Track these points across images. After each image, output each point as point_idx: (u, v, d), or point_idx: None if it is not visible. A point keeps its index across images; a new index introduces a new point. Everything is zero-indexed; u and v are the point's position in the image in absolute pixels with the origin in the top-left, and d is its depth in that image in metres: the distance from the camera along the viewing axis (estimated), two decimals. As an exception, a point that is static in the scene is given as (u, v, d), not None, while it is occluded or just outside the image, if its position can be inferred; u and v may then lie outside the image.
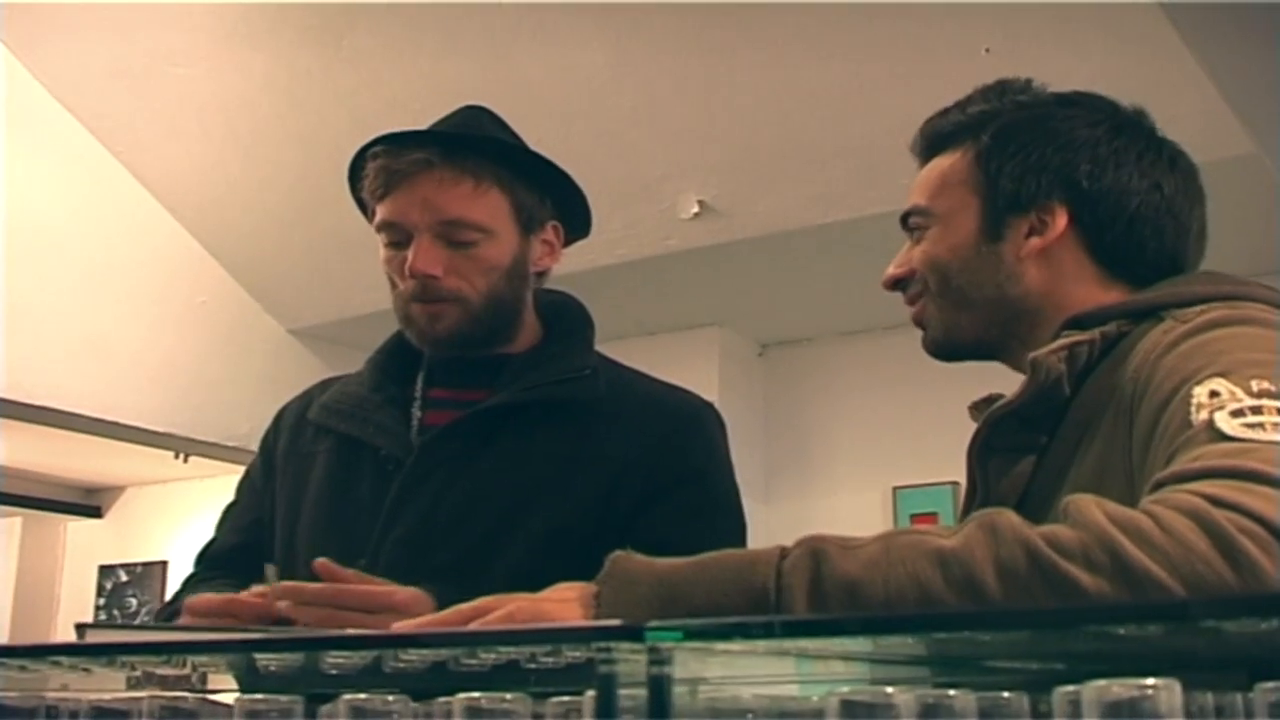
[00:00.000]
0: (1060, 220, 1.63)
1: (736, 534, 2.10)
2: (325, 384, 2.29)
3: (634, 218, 5.10)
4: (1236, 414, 1.28)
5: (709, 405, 2.20)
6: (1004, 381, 1.72)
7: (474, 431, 2.05)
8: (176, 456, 5.86)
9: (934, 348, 1.77)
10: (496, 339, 2.12)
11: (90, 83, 5.23)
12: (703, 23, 4.42)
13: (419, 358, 2.18)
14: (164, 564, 7.86)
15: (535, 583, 1.93)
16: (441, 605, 1.87)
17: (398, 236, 2.05)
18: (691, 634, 0.92)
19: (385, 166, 2.04)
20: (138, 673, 1.41)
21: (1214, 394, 1.31)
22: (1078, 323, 1.56)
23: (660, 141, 4.82)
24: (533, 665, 0.98)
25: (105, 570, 8.20)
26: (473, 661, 1.02)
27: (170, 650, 1.20)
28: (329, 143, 5.10)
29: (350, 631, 1.67)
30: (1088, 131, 1.65)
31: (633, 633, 0.90)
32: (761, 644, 0.96)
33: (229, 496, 2.42)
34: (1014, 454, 1.57)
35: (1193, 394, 1.32)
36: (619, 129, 4.83)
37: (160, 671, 1.39)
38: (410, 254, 2.02)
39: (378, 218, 2.07)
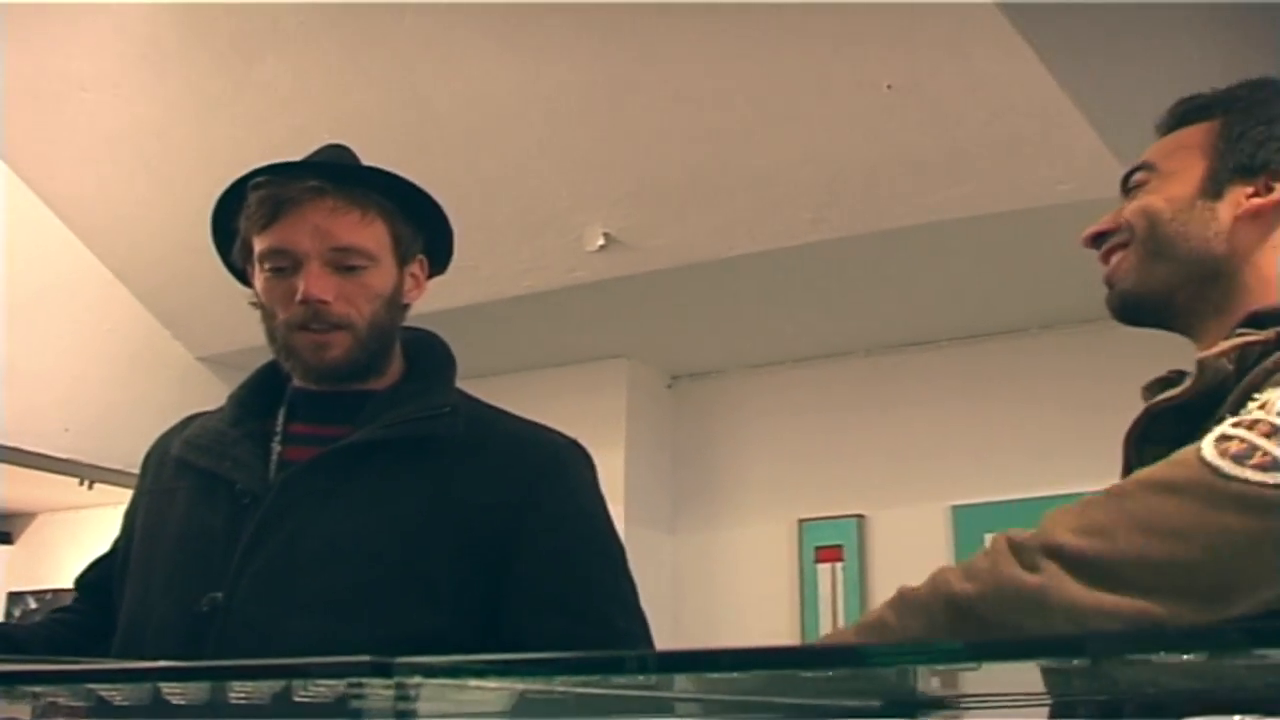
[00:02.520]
0: None
1: (612, 573, 2.13)
2: (189, 420, 2.30)
3: (540, 249, 5.13)
4: (1238, 453, 1.32)
5: (572, 444, 2.20)
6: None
7: (333, 468, 2.05)
8: (81, 483, 5.81)
9: (1120, 301, 1.75)
10: (371, 371, 2.14)
11: (-2, 105, 5.22)
12: (608, 56, 4.46)
13: (281, 393, 2.20)
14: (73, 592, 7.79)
15: (394, 620, 1.94)
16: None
17: (284, 263, 2.06)
18: (437, 671, 0.94)
19: (273, 195, 2.08)
20: (41, 701, 1.42)
21: (1255, 422, 1.35)
22: (1256, 319, 1.57)
23: (565, 173, 4.86)
24: (306, 698, 0.99)
25: (14, 597, 8.12)
26: (247, 689, 1.03)
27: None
28: (239, 169, 5.08)
29: (131, 665, 1.69)
30: None
31: (382, 669, 0.92)
32: (526, 683, 0.98)
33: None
34: (1171, 445, 1.49)
35: (1248, 405, 1.39)
36: (525, 160, 4.86)
37: (64, 701, 1.41)
38: (302, 280, 2.04)
39: (262, 245, 2.09)
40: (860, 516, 5.90)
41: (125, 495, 5.84)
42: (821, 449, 6.09)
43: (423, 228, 2.20)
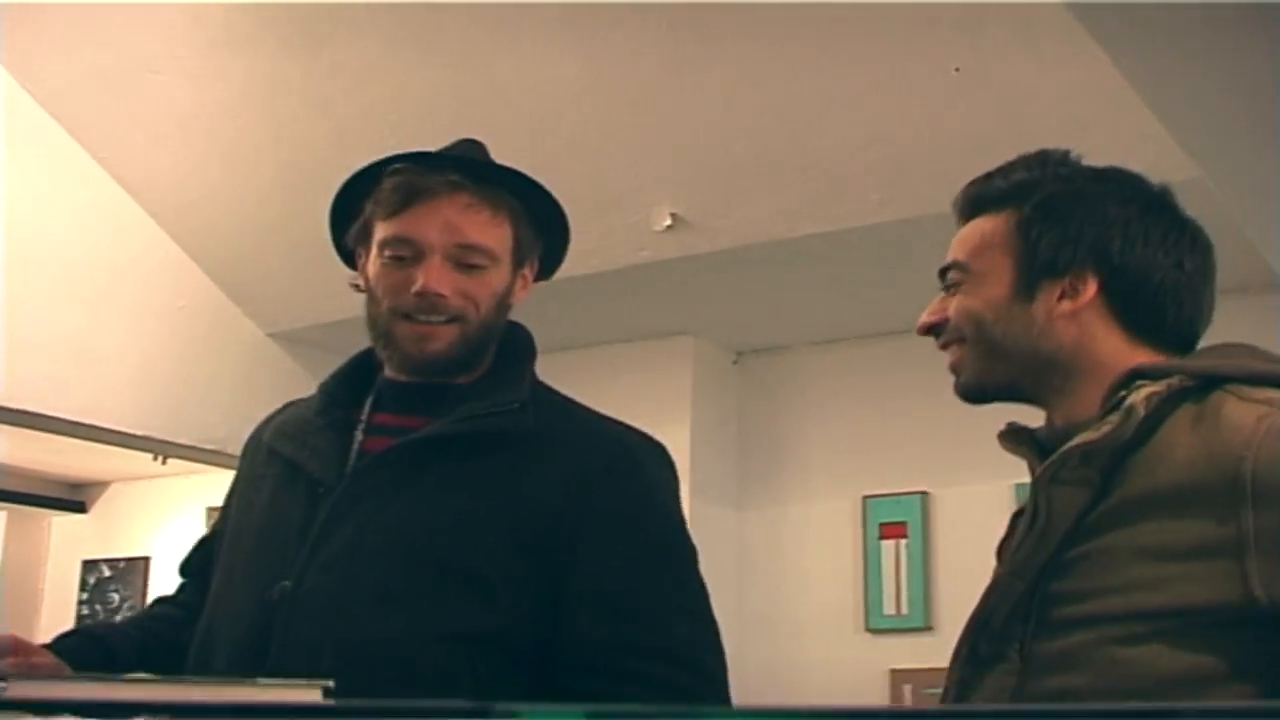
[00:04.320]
0: (1090, 288, 1.78)
1: (678, 578, 2.10)
2: (286, 406, 2.33)
3: (607, 228, 5.15)
4: None
5: (647, 442, 2.19)
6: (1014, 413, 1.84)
7: (404, 461, 2.07)
8: (155, 459, 5.89)
9: (965, 392, 1.88)
10: (466, 368, 2.14)
11: (73, 87, 5.28)
12: (676, 36, 4.48)
13: (371, 382, 2.21)
14: (146, 560, 7.86)
15: (449, 617, 1.96)
16: None
17: (405, 252, 2.08)
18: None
19: (410, 183, 2.08)
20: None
21: None
22: (1139, 372, 1.70)
23: (633, 153, 4.88)
24: None
25: (88, 565, 8.21)
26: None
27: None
28: (308, 149, 5.16)
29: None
30: (1120, 209, 1.80)
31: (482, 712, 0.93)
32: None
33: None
34: (1073, 486, 1.68)
35: None
36: (592, 140, 4.88)
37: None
38: (421, 272, 2.06)
39: (387, 232, 2.10)
40: (925, 494, 5.92)
41: (197, 468, 5.97)
42: (886, 426, 6.09)
43: (543, 233, 2.22)
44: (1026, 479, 6.08)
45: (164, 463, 5.93)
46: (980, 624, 1.75)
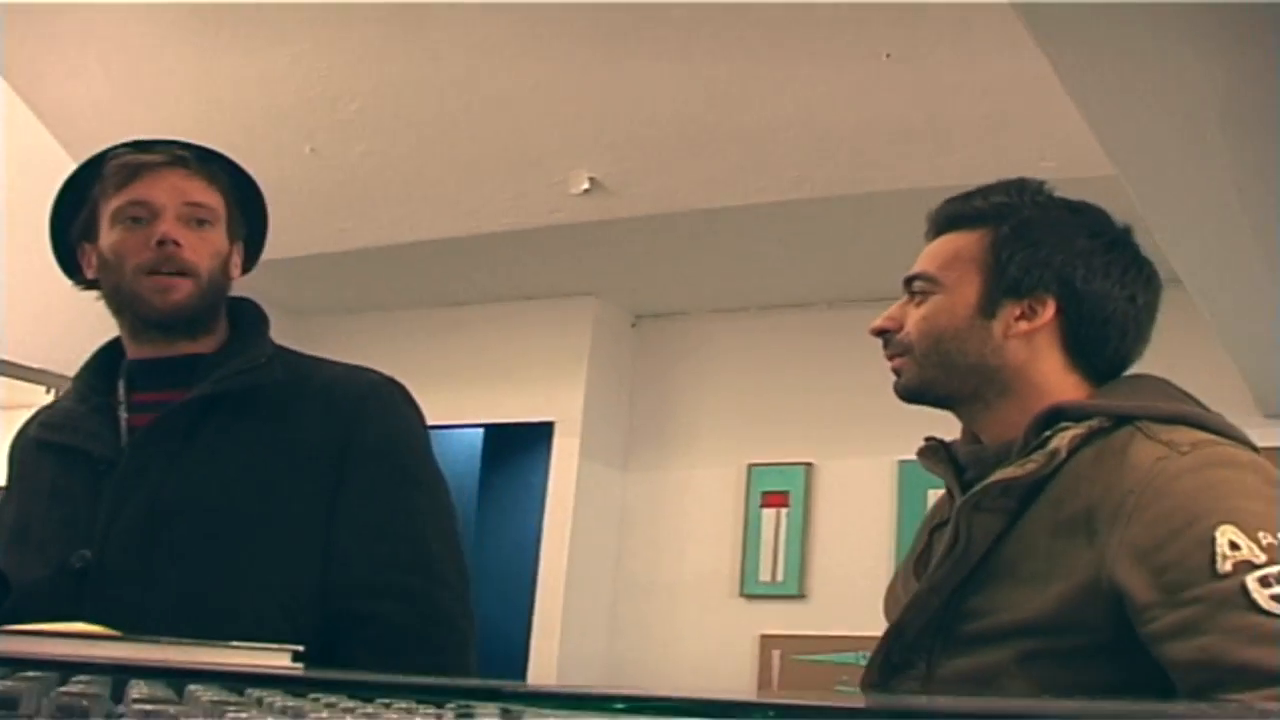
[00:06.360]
0: (1049, 311, 1.90)
1: (436, 504, 2.30)
2: (41, 410, 2.48)
3: (524, 189, 5.23)
4: (1264, 583, 1.55)
5: (389, 381, 2.37)
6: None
7: (175, 428, 2.21)
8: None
9: (905, 393, 1.98)
10: (201, 327, 2.29)
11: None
12: (614, 6, 4.56)
13: (119, 366, 2.34)
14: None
15: (253, 566, 2.13)
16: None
17: (141, 214, 2.23)
18: (535, 699, 0.96)
19: (135, 160, 2.26)
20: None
21: (1234, 545, 1.59)
22: (1061, 412, 1.82)
23: (559, 117, 4.95)
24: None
25: None
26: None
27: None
28: (232, 95, 5.17)
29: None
30: (1088, 241, 1.92)
31: (489, 693, 0.96)
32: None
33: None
34: (992, 514, 1.80)
35: (1214, 539, 1.60)
36: (520, 102, 4.95)
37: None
38: (160, 225, 2.22)
39: (119, 201, 2.25)
40: (809, 465, 6.09)
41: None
42: (776, 396, 6.26)
43: (246, 220, 2.39)
44: (909, 456, 6.28)
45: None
46: (895, 634, 1.88)
